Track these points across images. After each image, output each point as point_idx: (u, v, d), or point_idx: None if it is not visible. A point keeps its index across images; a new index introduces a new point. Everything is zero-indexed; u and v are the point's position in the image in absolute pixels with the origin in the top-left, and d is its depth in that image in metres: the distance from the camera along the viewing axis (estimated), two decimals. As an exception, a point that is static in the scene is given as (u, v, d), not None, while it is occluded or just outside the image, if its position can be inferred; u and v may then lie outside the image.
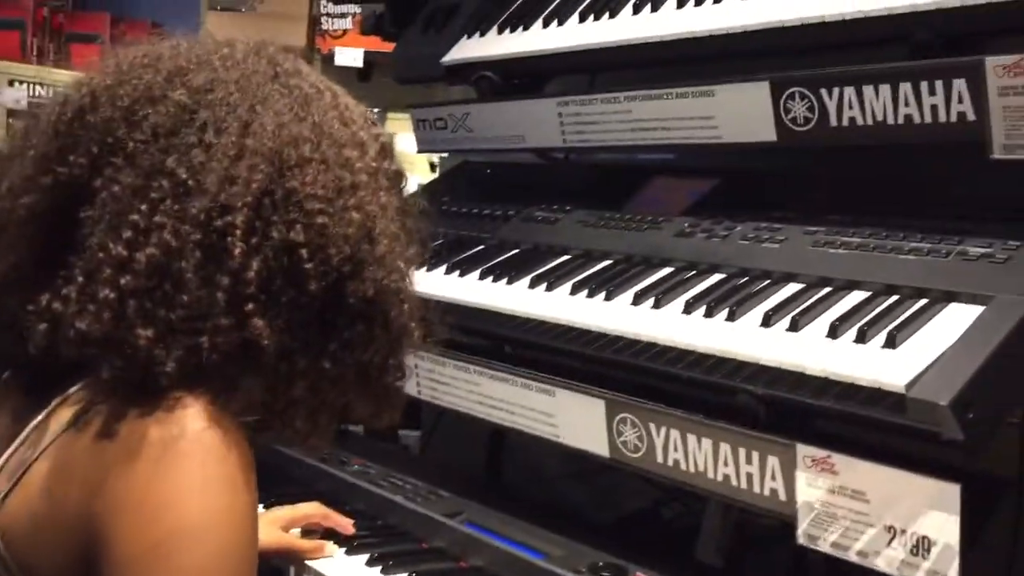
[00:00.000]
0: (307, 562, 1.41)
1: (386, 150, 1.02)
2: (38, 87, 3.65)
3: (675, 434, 1.32)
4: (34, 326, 0.88)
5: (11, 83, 3.66)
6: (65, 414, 0.89)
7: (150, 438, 0.84)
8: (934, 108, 1.28)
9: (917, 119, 1.30)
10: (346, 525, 1.49)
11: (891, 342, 1.16)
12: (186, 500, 0.82)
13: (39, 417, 0.90)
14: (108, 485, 0.83)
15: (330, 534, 1.48)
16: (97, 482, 0.83)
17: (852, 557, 1.17)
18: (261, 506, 1.61)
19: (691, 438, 1.30)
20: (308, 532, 1.49)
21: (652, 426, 1.34)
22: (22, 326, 0.90)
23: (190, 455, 0.83)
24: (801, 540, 1.21)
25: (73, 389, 0.90)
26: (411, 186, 2.17)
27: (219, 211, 0.88)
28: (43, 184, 0.92)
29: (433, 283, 1.70)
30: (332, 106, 0.98)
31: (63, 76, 3.27)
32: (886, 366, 1.12)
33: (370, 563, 1.40)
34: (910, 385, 1.08)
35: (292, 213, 0.90)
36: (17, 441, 0.90)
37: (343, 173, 0.94)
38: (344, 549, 1.44)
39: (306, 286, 0.90)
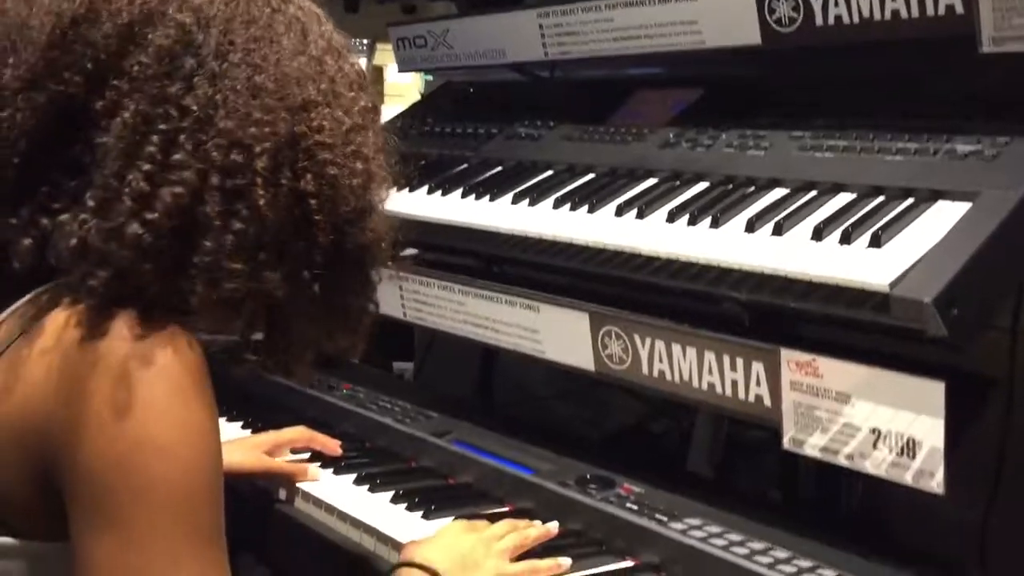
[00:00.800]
0: (296, 482, 1.40)
1: (365, 82, 0.99)
2: None
3: (660, 344, 1.31)
4: (17, 239, 0.86)
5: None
6: (12, 325, 0.87)
7: (105, 354, 0.82)
8: (922, 2, 1.24)
9: (904, 14, 1.26)
10: (332, 446, 1.49)
11: (876, 242, 1.13)
12: (147, 413, 0.81)
13: None
14: (65, 400, 0.81)
15: (318, 458, 1.47)
16: (52, 396, 0.82)
17: (840, 461, 1.16)
18: (248, 431, 1.61)
19: (675, 348, 1.29)
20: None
21: (636, 337, 1.33)
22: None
23: (146, 370, 0.82)
24: (787, 446, 1.20)
25: (25, 298, 0.88)
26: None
27: (237, 152, 0.86)
28: (35, 101, 0.88)
29: (416, 203, 1.67)
30: (321, 35, 0.95)
31: None
32: (870, 266, 1.10)
33: (357, 482, 1.40)
34: (894, 284, 1.06)
35: (303, 160, 0.88)
36: None
37: (342, 116, 0.92)
38: (331, 470, 1.44)
39: (316, 237, 0.90)
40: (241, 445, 1.44)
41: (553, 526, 1.23)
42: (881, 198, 1.23)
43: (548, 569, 1.15)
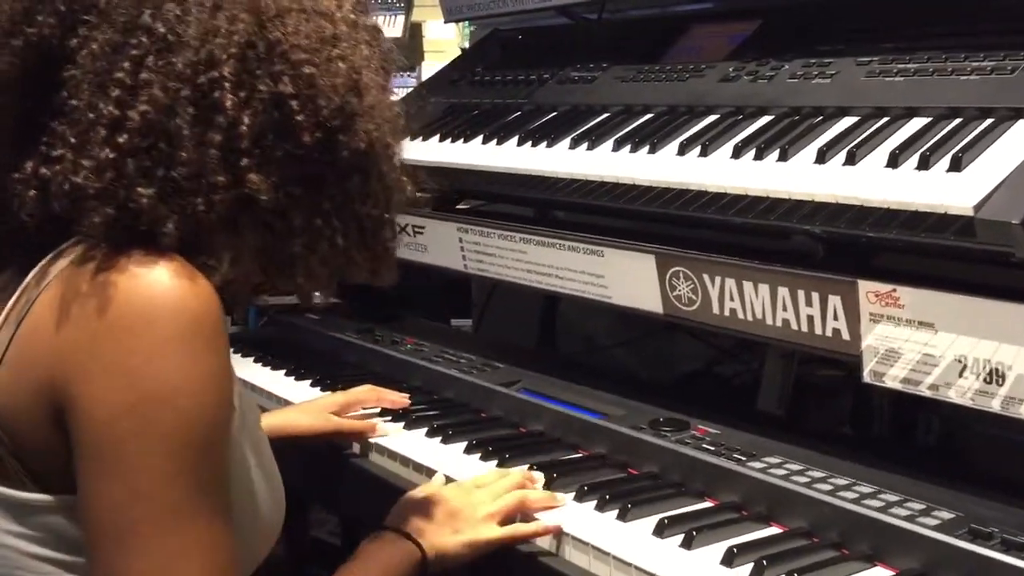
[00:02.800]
0: (368, 438, 1.41)
1: (362, 3, 0.98)
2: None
3: (730, 283, 1.28)
4: (23, 193, 0.86)
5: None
6: (43, 279, 0.86)
7: (113, 300, 0.81)
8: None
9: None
10: (401, 402, 1.49)
11: (956, 165, 1.09)
12: (155, 363, 0.79)
13: (16, 292, 0.88)
14: (73, 348, 0.80)
15: (388, 414, 1.47)
16: (62, 345, 0.81)
17: (923, 391, 1.13)
18: (317, 389, 1.62)
19: (747, 285, 1.26)
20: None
21: (706, 277, 1.31)
22: (9, 195, 0.87)
23: (154, 316, 0.80)
24: (867, 378, 1.17)
25: (47, 257, 0.87)
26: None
27: (205, 64, 0.85)
28: (13, 47, 0.88)
29: (472, 153, 1.65)
30: None
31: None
32: (952, 190, 1.06)
33: (430, 434, 1.40)
34: (979, 206, 1.03)
35: (278, 64, 0.88)
36: (6, 310, 0.88)
37: (323, 23, 0.91)
38: (402, 424, 1.44)
39: (299, 138, 0.88)
40: (309, 408, 1.45)
41: (561, 496, 1.18)
42: (958, 120, 1.18)
43: (532, 533, 1.12)
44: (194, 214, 0.85)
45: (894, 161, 1.15)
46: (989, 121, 1.15)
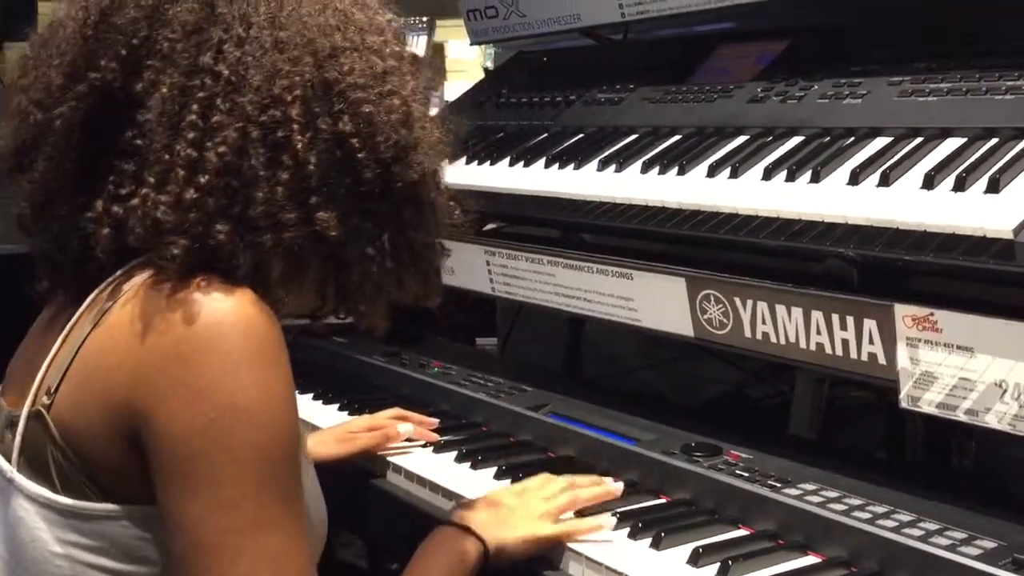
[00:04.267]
0: (393, 460, 1.40)
1: (399, 34, 1.01)
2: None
3: (762, 306, 1.27)
4: (97, 231, 0.89)
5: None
6: (101, 302, 0.90)
7: (182, 321, 0.83)
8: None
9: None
10: (428, 425, 1.48)
11: (994, 187, 1.08)
12: (229, 378, 0.82)
13: (81, 308, 0.91)
14: (146, 368, 0.83)
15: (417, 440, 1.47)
16: (135, 366, 0.84)
17: (960, 416, 1.11)
18: (345, 413, 1.61)
19: (780, 308, 1.25)
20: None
21: (737, 300, 1.29)
22: (78, 233, 0.91)
23: (223, 334, 0.83)
24: (904, 403, 1.15)
25: (108, 280, 0.90)
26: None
27: (271, 105, 0.89)
28: (78, 92, 0.92)
29: (499, 175, 1.65)
30: None
31: None
32: (990, 212, 1.05)
33: (459, 459, 1.39)
34: (1018, 229, 1.01)
35: (337, 104, 0.91)
36: (63, 334, 0.91)
37: (374, 59, 0.94)
38: (431, 448, 1.43)
39: (361, 175, 0.92)
40: (334, 434, 1.45)
41: (618, 487, 1.22)
42: (994, 140, 1.17)
43: (587, 530, 1.14)
44: (265, 249, 0.88)
45: (929, 183, 1.14)
46: (1026, 141, 1.13)
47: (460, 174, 1.71)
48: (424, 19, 4.17)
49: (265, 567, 0.82)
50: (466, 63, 4.27)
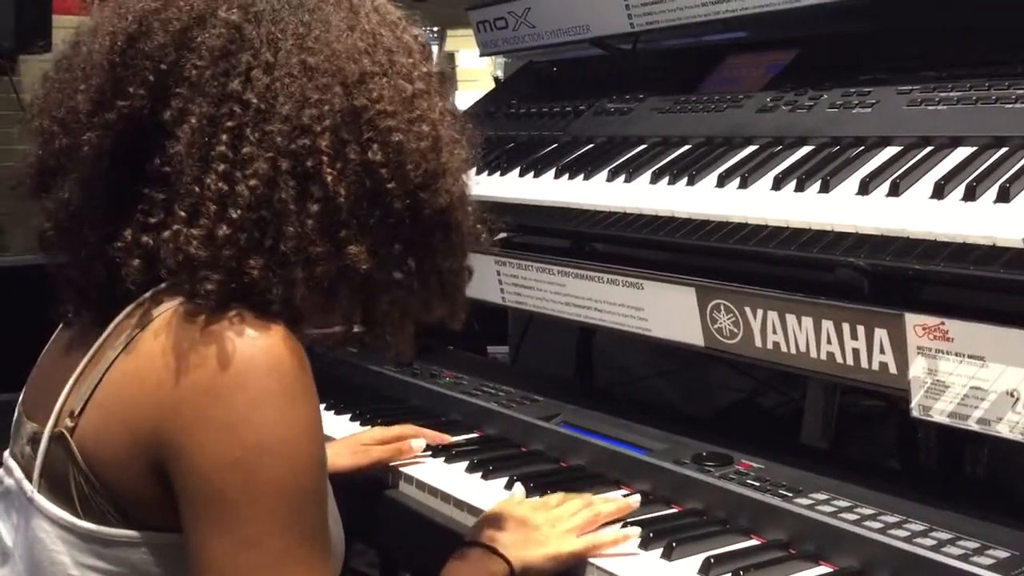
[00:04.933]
0: (405, 470, 1.40)
1: (427, 51, 1.00)
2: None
3: (773, 316, 1.27)
4: (127, 261, 0.88)
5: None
6: (128, 328, 0.89)
7: (211, 355, 0.83)
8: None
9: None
10: (442, 439, 1.48)
11: (1004, 196, 1.08)
12: (256, 415, 0.82)
13: (105, 334, 0.90)
14: (175, 401, 0.83)
15: (428, 448, 1.47)
16: (163, 398, 0.83)
17: (972, 426, 1.11)
18: (356, 424, 1.62)
19: (790, 318, 1.25)
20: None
21: (747, 310, 1.29)
22: (104, 259, 0.90)
23: (252, 370, 0.83)
24: (915, 413, 1.15)
25: (132, 304, 0.90)
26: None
27: (300, 135, 0.87)
28: (107, 120, 0.91)
29: (509, 186, 1.66)
30: (375, 9, 0.96)
31: None
32: (1000, 221, 1.05)
33: (470, 469, 1.39)
34: (1029, 238, 1.01)
35: (366, 132, 0.89)
36: (86, 358, 0.91)
37: (403, 83, 0.92)
38: (443, 458, 1.44)
39: (391, 205, 0.90)
40: (348, 444, 1.45)
41: (634, 500, 1.22)
42: (1004, 149, 1.17)
43: (611, 542, 1.13)
44: (296, 282, 0.87)
45: (939, 192, 1.14)
46: (1036, 150, 1.14)
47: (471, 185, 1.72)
48: (435, 29, 4.19)
49: None
50: (477, 73, 4.29)
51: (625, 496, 1.27)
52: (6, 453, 0.98)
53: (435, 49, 4.24)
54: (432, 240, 0.95)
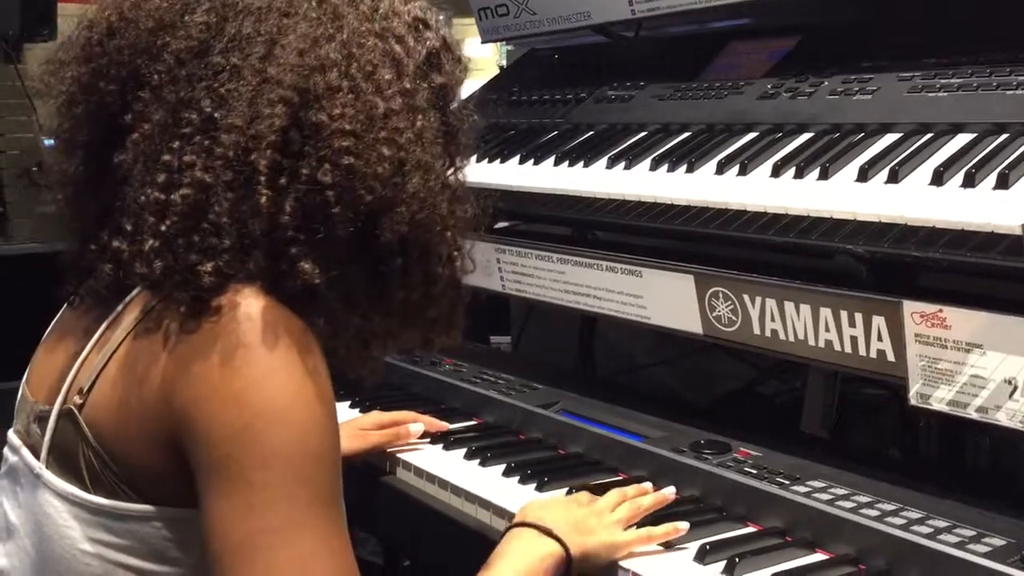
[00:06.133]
0: (403, 457, 1.41)
1: (433, 60, 0.95)
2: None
3: (771, 303, 1.26)
4: (99, 266, 0.89)
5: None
6: (137, 307, 0.89)
7: (219, 328, 0.83)
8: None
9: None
10: (440, 426, 1.48)
11: (1003, 182, 1.07)
12: (265, 384, 0.82)
13: (113, 314, 0.91)
14: (186, 375, 0.83)
15: (427, 435, 1.47)
16: (174, 372, 0.84)
17: (971, 414, 1.10)
18: (356, 410, 1.62)
19: (788, 305, 1.24)
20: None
21: (746, 297, 1.29)
22: (88, 258, 0.91)
23: (260, 341, 0.83)
24: (913, 401, 1.15)
25: (139, 289, 0.90)
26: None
27: (244, 150, 0.85)
28: (75, 112, 0.91)
29: (509, 173, 1.65)
30: (367, 16, 0.92)
31: None
32: (999, 208, 1.04)
33: (468, 456, 1.39)
34: (1027, 225, 1.00)
35: (321, 149, 0.86)
36: (95, 335, 0.91)
37: (374, 100, 0.88)
38: (441, 445, 1.44)
39: (335, 228, 0.87)
40: (344, 430, 1.44)
41: (669, 492, 1.20)
42: (1004, 136, 1.16)
43: (663, 535, 1.11)
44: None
45: (939, 179, 1.13)
46: (1037, 137, 1.13)
47: (471, 172, 1.71)
48: (440, 16, 4.17)
49: (296, 569, 0.81)
50: (482, 61, 4.27)
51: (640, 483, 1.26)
52: (10, 432, 0.98)
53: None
54: (390, 268, 0.91)
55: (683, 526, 1.12)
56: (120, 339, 0.89)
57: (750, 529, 1.16)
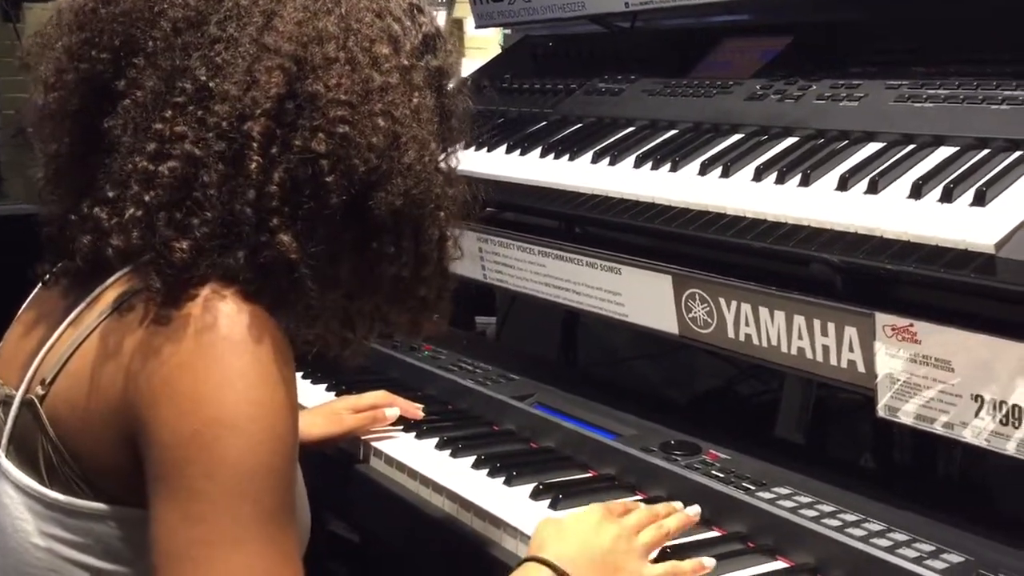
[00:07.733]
0: (376, 445, 1.41)
1: (428, 43, 0.95)
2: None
3: (746, 308, 1.26)
4: (78, 236, 0.87)
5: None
6: (108, 299, 0.88)
7: (187, 329, 0.82)
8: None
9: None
10: (414, 411, 1.48)
11: (980, 199, 1.07)
12: (223, 391, 0.80)
13: (83, 303, 0.90)
14: (147, 373, 0.82)
15: (401, 422, 1.47)
16: (137, 370, 0.82)
17: (936, 429, 1.11)
18: (332, 394, 1.62)
19: (763, 311, 1.24)
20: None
21: (722, 300, 1.29)
22: (68, 230, 0.90)
23: (226, 347, 0.81)
24: (881, 413, 1.15)
25: (116, 276, 0.89)
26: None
27: (239, 119, 0.84)
28: (67, 80, 0.89)
29: (494, 162, 1.64)
30: None
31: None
32: (974, 225, 1.04)
33: (440, 446, 1.39)
34: (1000, 244, 1.00)
35: (315, 119, 0.85)
36: (63, 325, 0.90)
37: (371, 73, 0.88)
38: (413, 434, 1.44)
39: (326, 199, 0.86)
40: (323, 412, 1.45)
41: (694, 511, 1.12)
42: (986, 151, 1.15)
43: (690, 571, 1.04)
44: (230, 268, 0.84)
45: (917, 192, 1.12)
46: (1018, 154, 1.12)
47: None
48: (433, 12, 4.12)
49: None
50: (484, 40, 4.23)
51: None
52: None
53: (443, 14, 4.19)
54: (381, 244, 0.90)
55: (709, 562, 1.05)
56: (90, 328, 0.87)
57: (714, 533, 1.16)
